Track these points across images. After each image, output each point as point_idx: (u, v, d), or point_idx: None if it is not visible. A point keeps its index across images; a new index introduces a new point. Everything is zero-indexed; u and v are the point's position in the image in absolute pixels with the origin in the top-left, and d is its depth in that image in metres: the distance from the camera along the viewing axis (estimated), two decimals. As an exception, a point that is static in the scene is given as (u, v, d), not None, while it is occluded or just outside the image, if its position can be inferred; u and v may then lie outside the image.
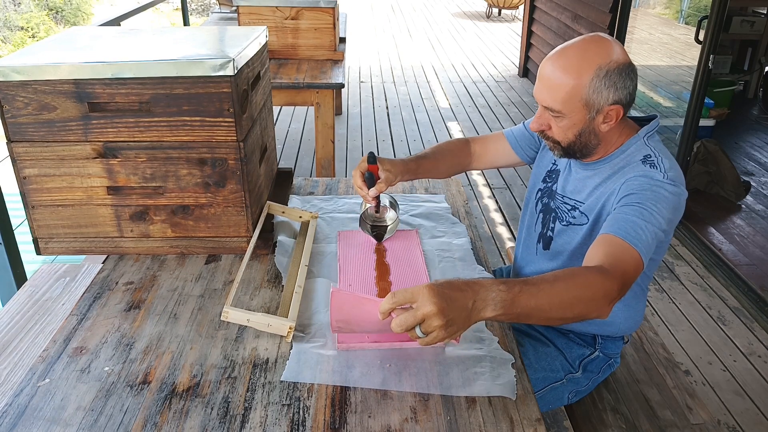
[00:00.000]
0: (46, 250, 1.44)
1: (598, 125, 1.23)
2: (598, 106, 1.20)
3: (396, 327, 0.90)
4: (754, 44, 5.36)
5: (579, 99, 1.19)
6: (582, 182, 1.34)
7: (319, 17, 3.28)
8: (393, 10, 12.81)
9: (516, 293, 0.94)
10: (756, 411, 2.20)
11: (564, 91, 1.19)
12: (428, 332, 0.89)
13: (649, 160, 1.23)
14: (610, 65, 1.17)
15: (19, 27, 11.20)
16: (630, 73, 1.20)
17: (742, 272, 2.94)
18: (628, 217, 1.13)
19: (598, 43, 1.20)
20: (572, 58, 1.19)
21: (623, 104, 1.21)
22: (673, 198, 1.17)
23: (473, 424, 0.98)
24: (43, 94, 1.27)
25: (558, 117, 1.23)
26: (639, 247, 1.09)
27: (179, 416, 0.99)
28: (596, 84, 1.17)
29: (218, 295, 1.32)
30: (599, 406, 1.46)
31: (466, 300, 0.90)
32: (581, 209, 1.33)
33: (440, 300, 0.87)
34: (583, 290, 1.00)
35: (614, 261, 1.06)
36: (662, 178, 1.18)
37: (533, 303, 0.95)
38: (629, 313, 1.41)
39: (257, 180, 1.51)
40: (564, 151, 1.30)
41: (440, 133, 5.13)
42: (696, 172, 3.69)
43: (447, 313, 0.88)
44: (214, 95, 1.29)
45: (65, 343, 1.16)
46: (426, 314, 0.87)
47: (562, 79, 1.19)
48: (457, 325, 0.90)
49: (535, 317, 0.98)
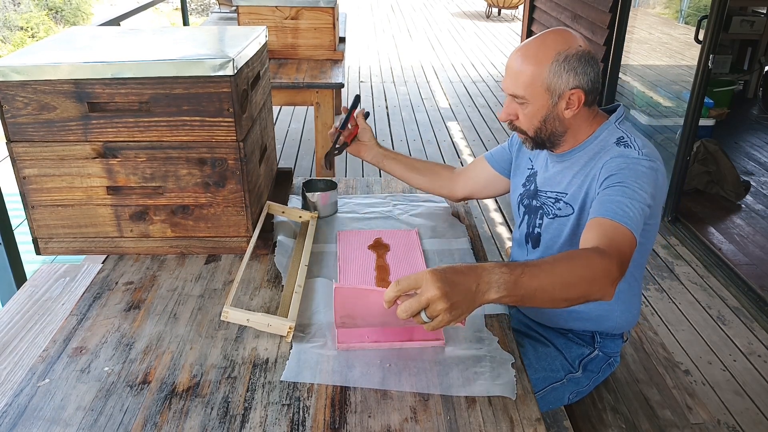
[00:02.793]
0: (46, 250, 1.44)
1: (561, 111, 1.27)
2: (560, 91, 1.25)
3: (401, 313, 0.91)
4: (754, 44, 5.36)
5: (540, 84, 1.24)
6: (560, 174, 1.38)
7: (319, 17, 3.28)
8: (393, 10, 12.80)
9: (518, 275, 0.95)
10: (756, 411, 2.20)
11: (525, 75, 1.25)
12: (433, 316, 0.90)
13: (622, 141, 1.28)
14: (569, 51, 1.23)
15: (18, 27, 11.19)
16: (590, 60, 1.25)
17: (742, 272, 2.94)
18: (612, 197, 1.17)
19: (558, 33, 1.26)
20: (532, 47, 1.26)
21: (584, 90, 1.25)
22: (651, 173, 1.21)
23: (473, 424, 0.98)
24: (42, 94, 1.27)
25: (523, 104, 1.29)
26: (628, 224, 1.13)
27: (179, 416, 0.99)
28: (555, 68, 1.23)
29: (218, 295, 1.32)
30: (599, 406, 1.46)
31: (469, 283, 0.91)
32: (565, 200, 1.35)
33: (443, 284, 0.89)
34: (584, 270, 1.02)
35: (608, 241, 1.09)
36: (638, 155, 1.23)
37: (536, 284, 0.96)
38: (625, 306, 1.41)
39: (257, 180, 1.51)
40: (533, 142, 1.35)
41: (440, 133, 5.13)
42: (696, 172, 3.69)
43: (451, 297, 0.89)
44: (213, 95, 1.29)
45: (65, 343, 1.16)
46: (430, 298, 0.88)
47: (523, 66, 1.25)
48: (462, 308, 0.91)
49: (539, 298, 0.99)
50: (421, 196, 1.79)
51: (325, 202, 1.63)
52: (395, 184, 1.87)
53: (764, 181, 4.03)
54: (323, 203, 1.63)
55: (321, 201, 1.63)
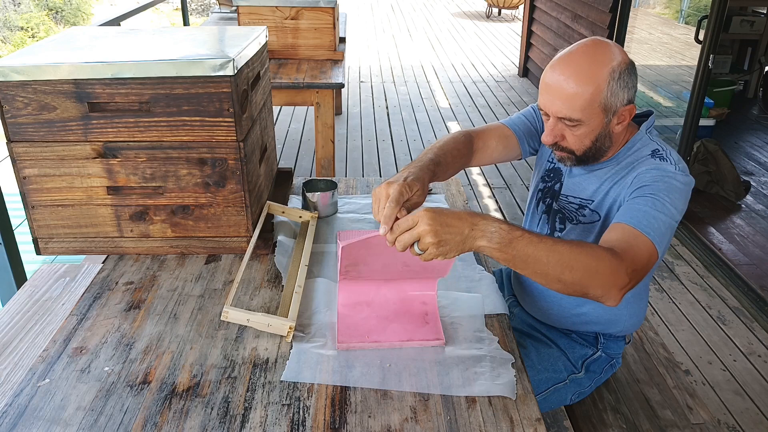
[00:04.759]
0: (46, 250, 1.44)
1: (612, 127, 1.23)
2: (615, 108, 1.20)
3: (398, 245, 1.00)
4: (754, 44, 5.36)
5: (598, 104, 1.18)
6: (586, 180, 1.35)
7: (319, 17, 3.28)
8: (393, 10, 12.81)
9: (516, 236, 0.99)
10: (756, 411, 2.20)
11: (583, 99, 1.17)
12: (424, 249, 0.99)
13: (658, 154, 1.25)
14: (620, 67, 1.18)
15: (18, 27, 11.20)
16: (634, 70, 1.21)
17: (742, 272, 2.94)
18: (640, 207, 1.15)
19: (602, 47, 1.19)
20: (583, 65, 1.18)
21: (634, 102, 1.23)
22: (684, 188, 1.19)
23: (473, 424, 0.98)
24: (43, 94, 1.27)
25: (575, 126, 1.22)
26: (651, 235, 1.10)
27: (179, 416, 0.99)
28: (613, 87, 1.17)
29: (218, 295, 1.32)
30: (599, 406, 1.46)
31: (462, 226, 0.98)
32: (591, 207, 1.33)
33: (434, 222, 0.97)
34: (589, 259, 1.02)
35: (625, 246, 1.08)
36: (674, 170, 1.20)
37: (531, 250, 0.99)
38: (634, 309, 1.41)
39: (257, 180, 1.51)
40: (578, 160, 1.29)
41: (440, 133, 5.13)
42: (696, 172, 3.69)
43: (440, 234, 0.97)
44: (213, 95, 1.29)
45: (65, 343, 1.16)
46: (420, 232, 0.97)
47: (578, 87, 1.17)
48: (450, 246, 0.98)
49: (531, 267, 1.01)
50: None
51: (325, 202, 1.63)
52: (395, 184, 1.87)
53: (764, 181, 4.03)
54: (323, 203, 1.63)
55: (321, 201, 1.63)
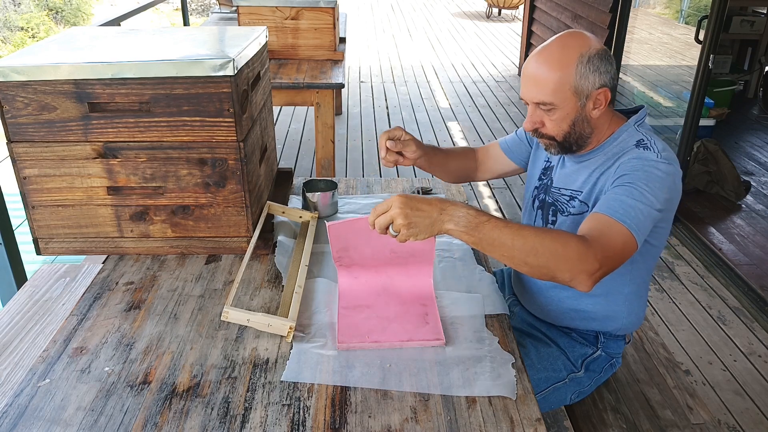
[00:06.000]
0: (47, 251, 1.44)
1: (589, 112, 1.27)
2: (587, 92, 1.24)
3: (377, 227, 1.10)
4: (754, 44, 5.36)
5: (568, 87, 1.23)
6: (576, 172, 1.37)
7: (319, 17, 3.28)
8: (393, 10, 12.81)
9: (482, 221, 1.08)
10: (756, 411, 2.20)
11: (553, 82, 1.23)
12: (397, 231, 1.09)
13: (642, 143, 1.27)
14: (590, 51, 1.23)
15: (19, 27, 11.20)
16: (608, 57, 1.25)
17: (742, 272, 2.94)
18: (617, 196, 1.17)
19: (575, 35, 1.26)
20: (554, 52, 1.24)
21: (609, 87, 1.26)
22: (667, 177, 1.20)
23: (473, 424, 0.98)
24: (43, 95, 1.27)
25: (551, 110, 1.26)
26: (627, 223, 1.13)
27: (179, 416, 0.99)
28: (581, 70, 1.22)
29: (218, 295, 1.32)
30: (599, 406, 1.46)
31: (431, 210, 1.08)
32: (580, 198, 1.35)
33: (404, 206, 1.07)
34: (555, 244, 1.07)
35: (597, 234, 1.11)
36: (656, 158, 1.22)
37: (496, 234, 1.07)
38: (632, 307, 1.41)
39: (257, 180, 1.51)
40: (560, 147, 1.33)
41: (440, 134, 5.13)
42: (696, 172, 3.69)
43: (409, 217, 1.07)
44: (214, 95, 1.29)
45: (65, 344, 1.16)
46: (393, 215, 1.07)
47: (548, 72, 1.23)
48: (419, 228, 1.08)
49: (498, 251, 1.08)
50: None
51: (325, 202, 1.63)
52: (395, 185, 1.88)
53: (764, 181, 4.03)
54: (323, 203, 1.63)
55: (321, 201, 1.63)
